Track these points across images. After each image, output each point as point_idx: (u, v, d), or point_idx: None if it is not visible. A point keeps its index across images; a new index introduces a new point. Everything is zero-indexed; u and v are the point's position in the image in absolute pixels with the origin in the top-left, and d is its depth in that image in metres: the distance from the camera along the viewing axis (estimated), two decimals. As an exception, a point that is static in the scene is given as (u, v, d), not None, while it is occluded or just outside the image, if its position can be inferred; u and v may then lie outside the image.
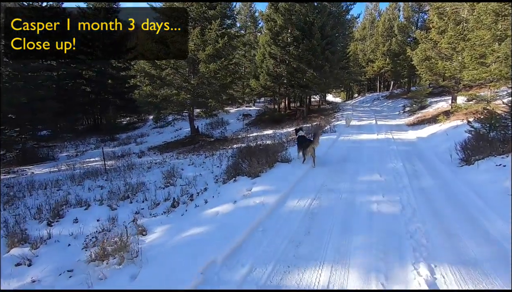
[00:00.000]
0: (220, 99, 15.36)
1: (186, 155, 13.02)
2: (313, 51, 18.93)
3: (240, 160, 6.49)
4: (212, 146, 15.12)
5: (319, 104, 28.26)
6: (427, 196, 4.79)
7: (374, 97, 34.24)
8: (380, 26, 38.55)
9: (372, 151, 8.57)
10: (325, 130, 12.49)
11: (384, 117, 18.44)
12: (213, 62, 13.39)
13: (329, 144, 9.38)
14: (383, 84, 44.69)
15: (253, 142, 15.26)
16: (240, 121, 25.00)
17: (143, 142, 19.33)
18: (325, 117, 19.92)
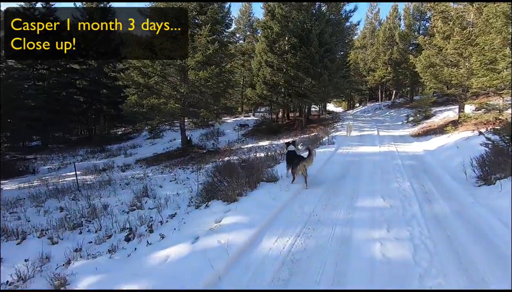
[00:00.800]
0: (212, 108, 14.47)
1: (172, 169, 12.07)
2: (311, 59, 18.16)
3: (217, 179, 5.49)
4: (203, 158, 14.17)
5: (319, 114, 27.39)
6: (444, 230, 3.75)
7: (375, 107, 33.35)
8: (380, 35, 38.00)
9: (374, 166, 7.55)
10: (323, 141, 11.51)
11: (386, 128, 17.46)
12: (204, 70, 12.56)
13: (326, 158, 8.38)
14: (385, 93, 43.91)
15: (246, 154, 14.29)
16: (237, 131, 24.13)
17: (133, 154, 18.41)
18: (324, 128, 18.95)
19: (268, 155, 12.96)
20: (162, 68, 12.55)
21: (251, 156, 13.17)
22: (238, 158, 13.04)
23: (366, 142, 11.87)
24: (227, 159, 13.25)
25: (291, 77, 18.86)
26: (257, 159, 8.61)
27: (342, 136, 13.27)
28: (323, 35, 18.69)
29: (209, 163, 12.69)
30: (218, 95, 14.70)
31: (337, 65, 20.29)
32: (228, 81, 14.59)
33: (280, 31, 18.71)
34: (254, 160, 8.00)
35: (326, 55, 18.62)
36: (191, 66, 12.70)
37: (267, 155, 12.59)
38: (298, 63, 18.39)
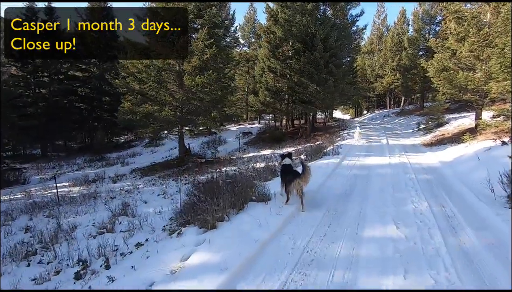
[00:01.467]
0: (209, 116, 13.75)
1: (165, 180, 11.32)
2: (315, 64, 17.38)
3: (197, 199, 4.67)
4: (200, 169, 13.40)
5: (324, 122, 26.46)
6: (480, 275, 2.84)
7: (384, 114, 32.25)
8: (388, 41, 37.13)
9: (384, 182, 6.62)
10: (327, 151, 10.60)
11: (396, 136, 16.44)
12: (200, 75, 11.88)
13: (329, 171, 7.48)
14: (393, 100, 42.75)
15: (245, 164, 13.48)
16: (240, 139, 23.37)
17: (131, 163, 17.79)
18: (330, 136, 18.02)
19: (268, 166, 12.16)
20: (156, 73, 11.90)
21: (248, 167, 12.37)
22: (225, 174, 12.25)
23: (374, 152, 10.92)
24: (224, 169, 12.48)
25: (294, 83, 18.08)
26: (246, 175, 7.73)
27: (348, 145, 12.34)
28: (328, 40, 17.93)
29: (205, 174, 11.90)
30: (217, 102, 13.97)
31: (343, 71, 19.44)
32: (227, 87, 13.87)
33: (283, 36, 18.03)
34: (242, 176, 7.11)
35: (332, 61, 17.81)
36: (188, 71, 12.04)
37: (266, 166, 11.77)
38: (302, 69, 17.63)
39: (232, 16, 31.30)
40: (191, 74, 11.81)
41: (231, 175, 7.20)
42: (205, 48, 12.01)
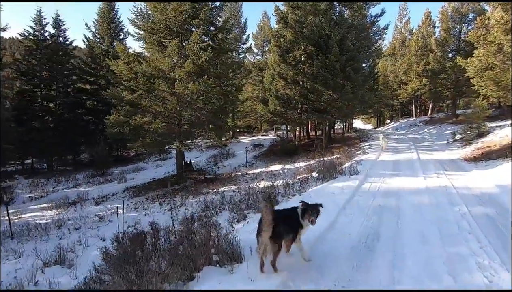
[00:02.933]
0: (208, 128, 12.17)
1: (152, 203, 9.77)
2: (330, 68, 15.50)
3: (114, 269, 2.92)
4: (197, 188, 11.76)
5: (343, 132, 24.19)
6: None
7: (410, 123, 29.41)
8: (412, 45, 34.62)
9: (423, 220, 4.58)
10: (343, 170, 8.58)
11: (428, 148, 14.00)
12: (195, 81, 10.38)
13: (343, 201, 5.51)
14: (419, 108, 39.56)
15: (249, 183, 11.68)
16: (250, 152, 21.65)
17: (129, 180, 16.50)
18: (349, 149, 15.88)
19: (275, 185, 10.33)
20: (146, 80, 10.54)
21: (250, 187, 10.56)
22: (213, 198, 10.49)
23: (404, 170, 8.76)
24: (222, 190, 10.75)
25: (307, 90, 16.24)
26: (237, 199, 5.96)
27: (370, 161, 10.22)
28: (345, 41, 16.05)
29: (200, 195, 10.23)
30: (218, 112, 12.40)
31: (363, 76, 17.37)
32: (229, 95, 12.26)
33: (293, 39, 16.38)
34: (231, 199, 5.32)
35: (349, 64, 15.82)
36: (181, 77, 10.59)
37: (272, 186, 9.93)
38: (315, 74, 15.79)
39: (244, 24, 30.39)
40: (182, 81, 10.33)
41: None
42: (200, 51, 10.54)
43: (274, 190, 8.70)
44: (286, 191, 7.98)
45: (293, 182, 10.36)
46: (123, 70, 10.77)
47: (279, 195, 7.72)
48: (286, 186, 9.91)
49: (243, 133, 37.55)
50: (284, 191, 8.17)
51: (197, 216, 7.17)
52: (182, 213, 7.71)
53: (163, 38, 10.96)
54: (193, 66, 10.36)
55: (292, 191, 7.87)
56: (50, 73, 21.08)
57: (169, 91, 10.62)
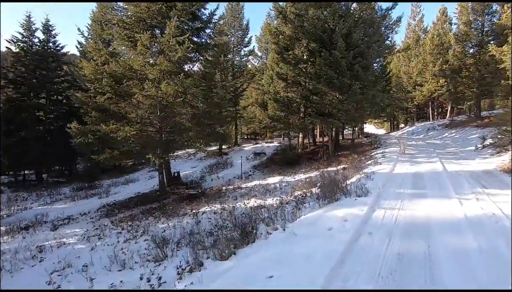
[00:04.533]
0: (187, 136, 10.45)
1: (117, 227, 8.04)
2: (335, 66, 13.62)
3: None
4: (176, 207, 10.01)
5: (352, 138, 22.01)
6: None
7: (427, 127, 26.90)
8: (427, 43, 32.25)
9: (477, 287, 2.62)
10: (348, 189, 6.59)
11: (453, 156, 11.77)
12: (169, 81, 8.71)
13: (342, 247, 3.59)
14: (437, 111, 36.84)
15: (238, 201, 9.83)
16: (250, 161, 19.84)
17: (113, 194, 14.94)
18: (358, 157, 13.80)
19: (265, 205, 8.52)
20: (113, 82, 8.94)
21: (237, 205, 8.74)
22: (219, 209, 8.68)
23: (428, 188, 6.71)
24: (203, 211, 8.95)
25: (309, 91, 14.36)
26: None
27: (383, 174, 8.19)
28: (351, 36, 14.16)
29: (174, 218, 8.46)
30: (204, 117, 10.68)
31: (373, 74, 15.35)
32: (214, 98, 10.50)
33: (293, 34, 14.58)
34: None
35: (357, 61, 13.87)
36: (155, 77, 8.95)
37: (260, 207, 8.09)
38: (318, 73, 13.92)
39: (246, 26, 28.95)
40: (153, 81, 8.69)
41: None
42: (176, 45, 8.88)
43: (261, 214, 6.85)
44: (272, 218, 6.09)
45: (287, 201, 8.48)
46: (90, 71, 9.25)
47: (261, 223, 5.86)
48: (278, 206, 8.06)
49: (249, 140, 35.88)
50: (270, 216, 6.29)
51: (144, 254, 5.40)
52: (134, 248, 5.94)
53: (136, 33, 9.39)
54: (168, 64, 8.71)
55: (279, 219, 5.98)
56: (39, 81, 20.00)
57: (140, 94, 8.97)
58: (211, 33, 11.13)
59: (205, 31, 11.23)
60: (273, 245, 4.06)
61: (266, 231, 4.86)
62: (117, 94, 9.28)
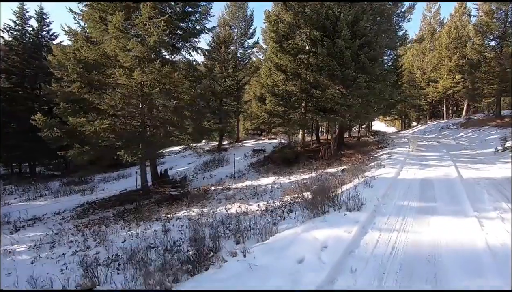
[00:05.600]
0: (169, 131, 9.43)
1: (78, 233, 7.13)
2: (338, 56, 12.32)
3: None
4: (154, 209, 9.06)
5: (358, 136, 20.63)
6: None
7: (440, 126, 25.17)
8: (443, 37, 30.29)
9: None
10: (339, 198, 5.42)
11: (470, 160, 10.37)
12: (142, 69, 7.67)
13: None
14: (451, 109, 34.82)
15: (221, 205, 8.79)
16: (248, 158, 18.79)
17: (100, 190, 14.17)
18: (362, 157, 12.53)
19: (248, 211, 7.49)
20: (81, 69, 7.96)
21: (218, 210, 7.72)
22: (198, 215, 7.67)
23: (439, 200, 5.48)
24: (179, 216, 7.94)
25: (309, 84, 13.11)
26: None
27: (385, 181, 6.97)
28: (358, 24, 12.80)
29: (145, 224, 7.49)
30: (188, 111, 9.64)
31: (381, 66, 13.98)
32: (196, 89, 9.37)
33: (293, 21, 13.31)
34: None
35: (364, 52, 12.50)
36: (128, 64, 7.93)
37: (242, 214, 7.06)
38: (319, 64, 12.65)
39: (250, 16, 27.67)
40: (123, 67, 7.67)
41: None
42: (151, 25, 7.81)
43: (236, 224, 5.77)
44: (242, 233, 5.01)
45: (273, 207, 7.39)
46: (58, 58, 8.30)
47: (227, 239, 4.81)
48: (262, 213, 7.01)
49: (254, 136, 34.82)
50: (238, 228, 5.23)
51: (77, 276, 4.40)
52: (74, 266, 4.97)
53: (109, 14, 8.38)
54: (141, 48, 7.67)
55: (252, 235, 4.90)
56: (32, 71, 19.36)
57: (112, 83, 7.97)
58: (198, 17, 10.01)
59: (193, 16, 10.11)
60: (219, 282, 2.98)
61: (222, 257, 3.78)
62: (88, 83, 8.31)
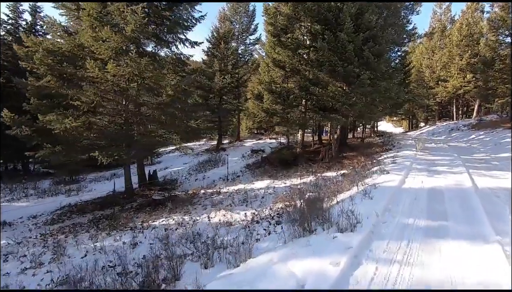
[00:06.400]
0: (145, 129, 8.64)
1: (37, 245, 6.38)
2: (340, 50, 11.39)
3: None
4: (132, 215, 8.30)
5: (362, 137, 19.61)
6: None
7: (450, 127, 23.96)
8: (454, 34, 29.08)
9: None
10: (329, 213, 4.56)
11: (484, 165, 9.34)
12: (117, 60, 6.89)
13: None
14: (461, 109, 33.44)
15: (205, 212, 7.98)
16: (245, 159, 17.97)
17: (87, 191, 13.54)
18: (365, 160, 11.59)
19: (232, 222, 6.70)
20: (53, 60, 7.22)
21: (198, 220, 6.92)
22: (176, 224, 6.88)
23: (450, 217, 4.57)
24: (155, 225, 7.15)
25: (308, 80, 12.19)
26: None
27: (387, 190, 6.06)
28: (362, 16, 11.84)
29: (115, 234, 6.72)
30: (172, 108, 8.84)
31: (387, 63, 13.00)
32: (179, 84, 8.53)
33: (292, 13, 12.40)
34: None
35: (368, 46, 11.53)
36: (105, 55, 7.16)
37: (225, 225, 6.27)
38: (320, 59, 11.74)
39: (252, 12, 26.78)
40: (94, 58, 6.91)
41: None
42: (130, 16, 7.02)
43: (212, 240, 4.96)
44: (212, 255, 4.18)
45: (260, 218, 6.56)
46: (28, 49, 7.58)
47: (195, 261, 3.99)
48: (246, 224, 6.20)
49: (256, 135, 33.97)
50: (213, 244, 4.41)
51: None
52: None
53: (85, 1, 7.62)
54: (116, 38, 6.88)
55: (225, 257, 4.07)
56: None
57: (87, 77, 7.22)
58: (186, 5, 9.17)
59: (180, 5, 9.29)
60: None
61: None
62: (59, 76, 7.57)
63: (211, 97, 22.38)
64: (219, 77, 20.79)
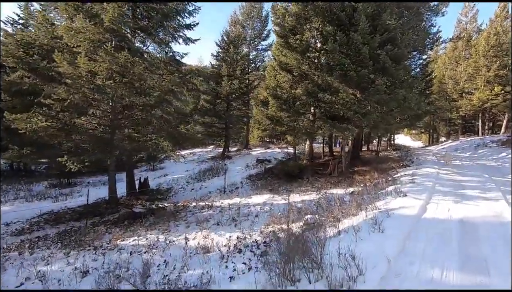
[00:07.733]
0: (127, 133, 7.71)
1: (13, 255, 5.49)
2: (353, 53, 10.20)
3: None
4: (105, 231, 7.32)
5: (377, 150, 18.07)
6: None
7: (476, 143, 21.92)
8: (481, 43, 27.17)
9: None
10: (323, 253, 3.36)
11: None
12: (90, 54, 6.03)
13: None
14: (487, 124, 31.03)
15: (186, 233, 6.88)
16: (249, 169, 16.83)
17: (76, 196, 12.77)
18: (378, 177, 10.20)
19: (211, 247, 5.56)
20: (18, 50, 6.47)
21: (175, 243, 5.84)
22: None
23: (492, 266, 3.26)
24: (122, 246, 6.11)
25: (317, 86, 11.02)
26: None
27: (404, 221, 4.78)
28: (380, 16, 10.64)
29: (77, 253, 5.73)
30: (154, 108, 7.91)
31: (406, 69, 11.65)
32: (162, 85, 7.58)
33: (301, 12, 11.36)
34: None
35: (386, 50, 10.26)
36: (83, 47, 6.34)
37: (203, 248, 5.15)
38: (330, 62, 10.58)
39: (265, 17, 26.05)
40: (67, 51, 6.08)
41: None
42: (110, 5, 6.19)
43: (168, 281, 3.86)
44: None
45: (242, 246, 5.41)
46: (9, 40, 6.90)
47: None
48: (226, 254, 5.07)
49: (267, 144, 32.85)
50: None
51: None
52: None
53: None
54: (92, 28, 6.05)
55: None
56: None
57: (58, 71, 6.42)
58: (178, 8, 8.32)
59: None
60: None
61: None
62: (30, 70, 6.81)
63: (218, 103, 21.55)
64: (226, 82, 19.94)
